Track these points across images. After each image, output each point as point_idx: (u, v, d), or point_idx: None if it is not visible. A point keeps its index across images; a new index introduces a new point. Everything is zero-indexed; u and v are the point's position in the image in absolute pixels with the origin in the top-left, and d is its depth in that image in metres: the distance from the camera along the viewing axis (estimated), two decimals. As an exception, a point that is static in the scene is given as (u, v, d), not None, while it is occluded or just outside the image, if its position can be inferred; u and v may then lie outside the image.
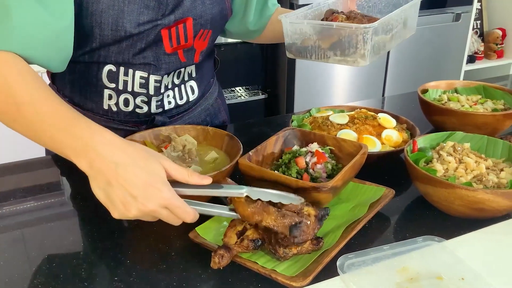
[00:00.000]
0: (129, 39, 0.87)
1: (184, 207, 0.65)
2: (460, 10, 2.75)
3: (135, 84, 0.93)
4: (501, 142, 0.88)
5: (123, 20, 0.84)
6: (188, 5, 0.89)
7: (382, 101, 1.66)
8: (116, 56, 0.90)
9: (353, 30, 0.79)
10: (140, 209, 0.62)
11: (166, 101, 1.00)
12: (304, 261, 0.67)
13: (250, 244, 0.67)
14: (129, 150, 0.64)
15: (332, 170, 0.83)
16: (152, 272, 0.68)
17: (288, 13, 0.91)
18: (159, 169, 0.64)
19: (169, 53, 0.92)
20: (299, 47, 0.85)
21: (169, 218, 0.65)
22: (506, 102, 1.13)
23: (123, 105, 0.96)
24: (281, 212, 0.66)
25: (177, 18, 0.88)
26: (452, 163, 0.83)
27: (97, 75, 0.93)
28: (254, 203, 0.68)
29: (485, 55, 3.25)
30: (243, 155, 0.81)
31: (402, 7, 0.89)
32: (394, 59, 2.67)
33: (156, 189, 0.62)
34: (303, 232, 0.65)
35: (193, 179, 0.67)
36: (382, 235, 0.76)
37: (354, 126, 0.99)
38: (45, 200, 0.87)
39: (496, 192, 0.72)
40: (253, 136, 1.14)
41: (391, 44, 0.90)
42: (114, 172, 0.62)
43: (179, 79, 1.00)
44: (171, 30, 0.89)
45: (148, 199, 0.62)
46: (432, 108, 1.09)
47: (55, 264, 0.69)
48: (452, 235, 0.74)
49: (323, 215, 0.69)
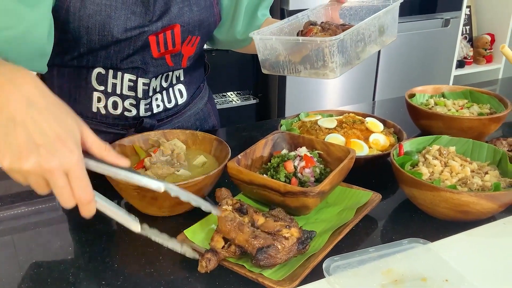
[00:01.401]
0: (116, 45, 0.87)
1: (86, 184, 0.56)
2: (449, 15, 2.78)
3: (123, 86, 0.94)
4: (486, 145, 0.90)
5: (110, 25, 0.84)
6: (175, 12, 0.90)
7: (372, 106, 1.68)
8: (104, 61, 0.90)
9: (318, 43, 0.78)
10: (39, 163, 0.52)
11: (154, 104, 1.00)
12: (291, 265, 0.68)
13: (237, 250, 0.68)
14: (50, 98, 0.57)
15: (320, 174, 0.84)
16: (140, 276, 0.68)
17: (261, 29, 0.89)
18: (76, 130, 0.57)
19: (157, 58, 0.93)
20: (272, 63, 0.85)
21: (63, 190, 0.54)
22: (492, 106, 1.15)
23: (112, 108, 0.96)
24: (254, 233, 0.66)
25: (164, 25, 0.89)
26: (437, 166, 0.84)
27: (87, 78, 0.93)
28: (234, 219, 0.68)
29: (474, 60, 3.29)
30: (232, 159, 0.81)
31: (373, 15, 0.87)
32: (384, 63, 2.69)
33: (66, 147, 0.54)
34: (270, 257, 0.64)
35: (109, 155, 0.59)
36: (369, 238, 0.77)
37: (342, 130, 1.01)
38: (33, 206, 0.87)
39: (480, 194, 0.73)
40: (243, 141, 1.15)
41: (365, 53, 0.88)
42: (24, 109, 0.53)
43: (167, 82, 1.01)
44: (158, 36, 0.89)
45: (53, 154, 0.53)
46: (418, 112, 1.10)
47: (42, 269, 0.69)
48: (437, 238, 0.75)
49: (306, 238, 0.68)
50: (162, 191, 0.62)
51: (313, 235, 0.69)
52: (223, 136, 0.93)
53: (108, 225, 0.80)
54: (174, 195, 0.63)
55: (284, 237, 0.66)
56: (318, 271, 0.67)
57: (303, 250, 0.68)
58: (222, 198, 0.75)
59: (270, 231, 0.68)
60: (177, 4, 0.90)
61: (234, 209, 0.72)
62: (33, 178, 0.54)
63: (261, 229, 0.68)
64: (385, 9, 0.90)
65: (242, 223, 0.68)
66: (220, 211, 0.70)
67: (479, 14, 3.30)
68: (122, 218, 0.63)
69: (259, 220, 0.70)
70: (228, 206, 0.71)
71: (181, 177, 0.82)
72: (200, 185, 0.77)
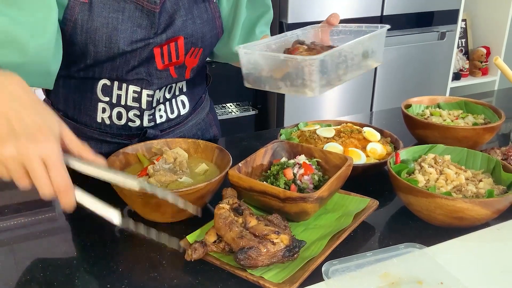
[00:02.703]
0: (122, 56, 0.90)
1: (64, 172, 0.58)
2: (445, 29, 2.83)
3: (128, 98, 0.96)
4: (480, 154, 0.92)
5: (116, 38, 0.87)
6: (179, 25, 0.93)
7: (370, 116, 1.70)
8: (110, 73, 0.93)
9: (298, 61, 0.79)
10: (18, 149, 0.55)
11: (158, 115, 1.03)
12: (290, 268, 0.70)
13: (226, 247, 0.70)
14: (34, 97, 0.61)
15: (318, 181, 0.86)
16: (144, 280, 0.70)
17: (247, 43, 0.90)
18: (56, 126, 0.60)
19: (161, 69, 0.95)
20: (255, 77, 0.86)
21: (41, 178, 0.57)
22: (487, 116, 1.17)
23: (116, 118, 0.99)
24: (242, 233, 0.69)
25: (168, 37, 0.92)
26: (433, 174, 0.86)
27: (92, 89, 0.96)
28: (227, 217, 0.71)
29: (470, 72, 3.33)
30: (233, 167, 0.84)
31: (357, 39, 0.88)
32: (381, 75, 2.73)
33: (45, 136, 0.57)
34: (250, 257, 0.67)
35: (86, 153, 0.63)
36: (366, 244, 0.79)
37: (340, 140, 1.03)
38: (39, 214, 0.89)
39: (474, 201, 0.75)
40: (243, 149, 1.17)
41: (347, 76, 0.88)
42: (6, 101, 0.57)
43: (170, 93, 1.03)
44: (163, 48, 0.92)
45: (32, 141, 0.56)
46: (415, 122, 1.13)
47: (49, 273, 0.71)
48: (433, 243, 0.77)
49: (294, 247, 0.69)
50: (137, 189, 0.66)
51: (302, 244, 0.71)
52: (224, 146, 0.95)
53: (112, 229, 0.81)
54: (150, 192, 0.66)
55: (272, 241, 0.68)
56: (317, 274, 0.68)
57: (291, 258, 0.69)
58: (226, 196, 0.78)
59: (258, 233, 0.70)
60: (181, 17, 0.93)
61: (231, 209, 0.74)
62: (13, 166, 0.57)
63: (250, 230, 0.71)
64: (369, 34, 0.91)
65: (233, 222, 0.71)
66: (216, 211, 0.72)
67: (475, 27, 3.35)
68: (102, 211, 0.64)
69: (251, 222, 0.72)
70: (226, 205, 0.74)
71: (183, 184, 0.85)
72: (202, 192, 0.79)
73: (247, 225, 0.72)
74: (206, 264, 0.72)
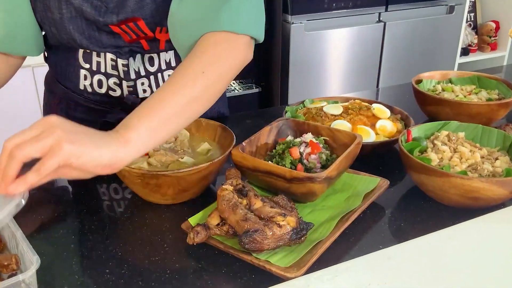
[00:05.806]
0: (83, 37, 0.90)
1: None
2: (454, 2, 2.75)
3: (107, 65, 0.95)
4: (495, 131, 0.88)
5: (70, 31, 0.88)
6: (132, 6, 0.86)
7: (376, 92, 1.65)
8: (85, 47, 0.92)
9: None
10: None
11: (140, 88, 0.98)
12: (298, 251, 0.67)
13: (230, 230, 0.67)
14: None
15: (326, 160, 0.82)
16: (144, 264, 0.67)
17: None
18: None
19: (130, 42, 0.91)
20: None
21: None
22: (500, 91, 1.13)
23: (97, 86, 0.97)
24: (246, 215, 0.65)
25: (120, 19, 0.86)
26: (446, 152, 0.82)
27: (75, 56, 0.96)
28: (230, 199, 0.68)
29: (478, 47, 3.26)
30: (237, 146, 0.80)
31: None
32: (388, 51, 2.66)
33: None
34: (255, 241, 0.63)
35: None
36: (376, 225, 0.75)
37: (348, 117, 0.99)
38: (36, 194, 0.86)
39: (491, 180, 0.72)
40: (247, 128, 1.13)
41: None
42: None
43: (154, 66, 0.97)
44: (122, 27, 0.88)
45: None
46: (426, 98, 1.08)
47: (45, 257, 0.68)
48: (446, 225, 0.73)
49: (302, 229, 0.66)
50: None
51: (310, 226, 0.68)
52: (227, 124, 0.91)
53: (112, 212, 0.78)
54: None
55: (278, 224, 0.65)
56: (326, 257, 0.65)
57: (298, 241, 0.66)
58: (229, 177, 0.74)
59: (263, 216, 0.66)
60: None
61: (235, 190, 0.71)
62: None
63: (255, 213, 0.67)
64: None
65: (237, 204, 0.68)
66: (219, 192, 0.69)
67: (484, 1, 3.26)
68: None
69: (256, 204, 0.69)
70: (230, 186, 0.71)
71: (185, 164, 0.81)
72: (205, 173, 0.76)
73: (251, 207, 0.68)
74: (209, 247, 0.69)
